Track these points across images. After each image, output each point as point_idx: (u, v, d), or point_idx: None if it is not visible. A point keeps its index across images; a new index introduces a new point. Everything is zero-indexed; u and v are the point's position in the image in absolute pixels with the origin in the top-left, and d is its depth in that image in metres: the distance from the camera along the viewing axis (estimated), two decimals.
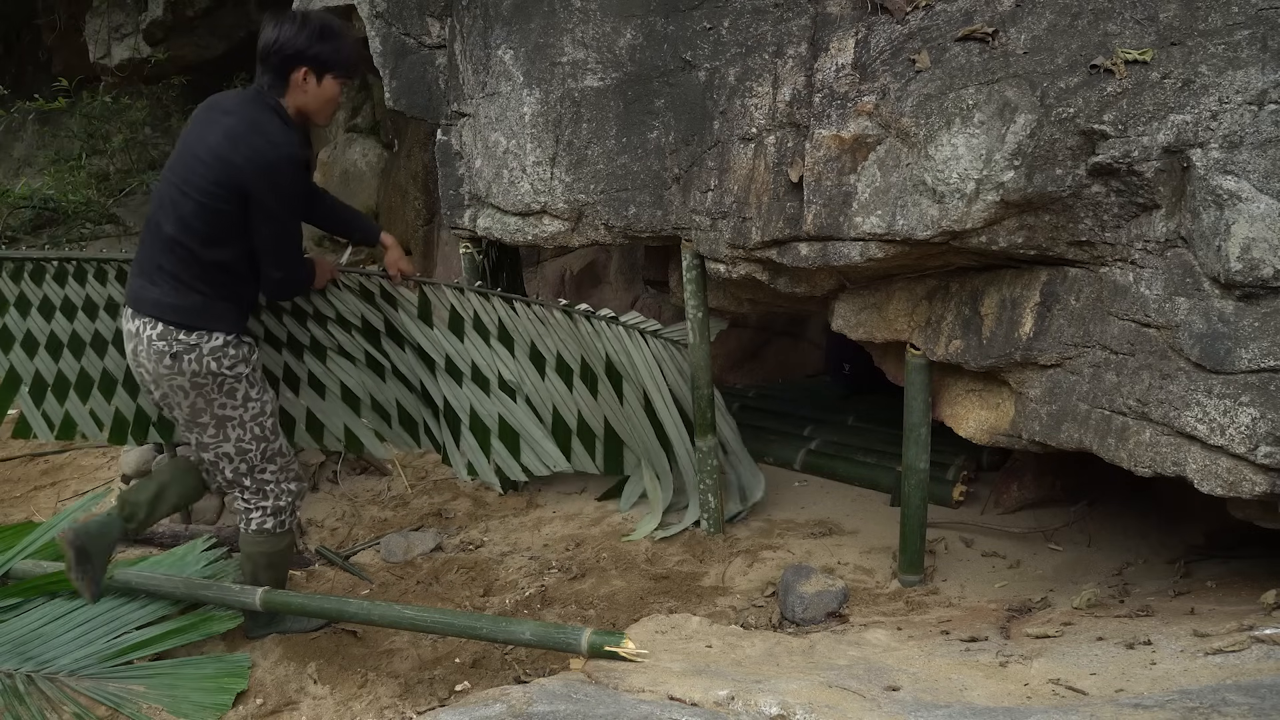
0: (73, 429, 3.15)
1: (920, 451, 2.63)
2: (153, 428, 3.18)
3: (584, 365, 3.15)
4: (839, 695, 1.63)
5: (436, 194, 4.63)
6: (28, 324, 3.06)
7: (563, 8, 2.96)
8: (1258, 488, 1.91)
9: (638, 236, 2.99)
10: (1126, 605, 2.29)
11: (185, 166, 2.40)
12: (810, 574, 2.66)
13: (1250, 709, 1.35)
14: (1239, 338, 1.92)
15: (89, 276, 2.97)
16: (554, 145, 3.03)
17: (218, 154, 2.34)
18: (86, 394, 3.11)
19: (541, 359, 3.15)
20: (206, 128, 2.41)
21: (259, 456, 2.57)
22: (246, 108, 2.40)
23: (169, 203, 2.41)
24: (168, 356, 2.42)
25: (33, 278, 3.01)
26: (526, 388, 3.19)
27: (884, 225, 2.30)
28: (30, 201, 6.80)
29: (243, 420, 2.52)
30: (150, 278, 2.44)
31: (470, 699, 1.71)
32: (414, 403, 3.27)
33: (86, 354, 3.08)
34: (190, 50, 7.31)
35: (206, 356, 2.43)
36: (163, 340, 2.42)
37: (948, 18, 2.29)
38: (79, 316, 3.02)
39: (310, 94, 2.42)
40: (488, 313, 3.10)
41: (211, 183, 2.34)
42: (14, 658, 2.55)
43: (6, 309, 3.04)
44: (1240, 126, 1.93)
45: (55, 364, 3.07)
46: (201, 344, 2.42)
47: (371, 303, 3.04)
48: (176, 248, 2.40)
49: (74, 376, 3.09)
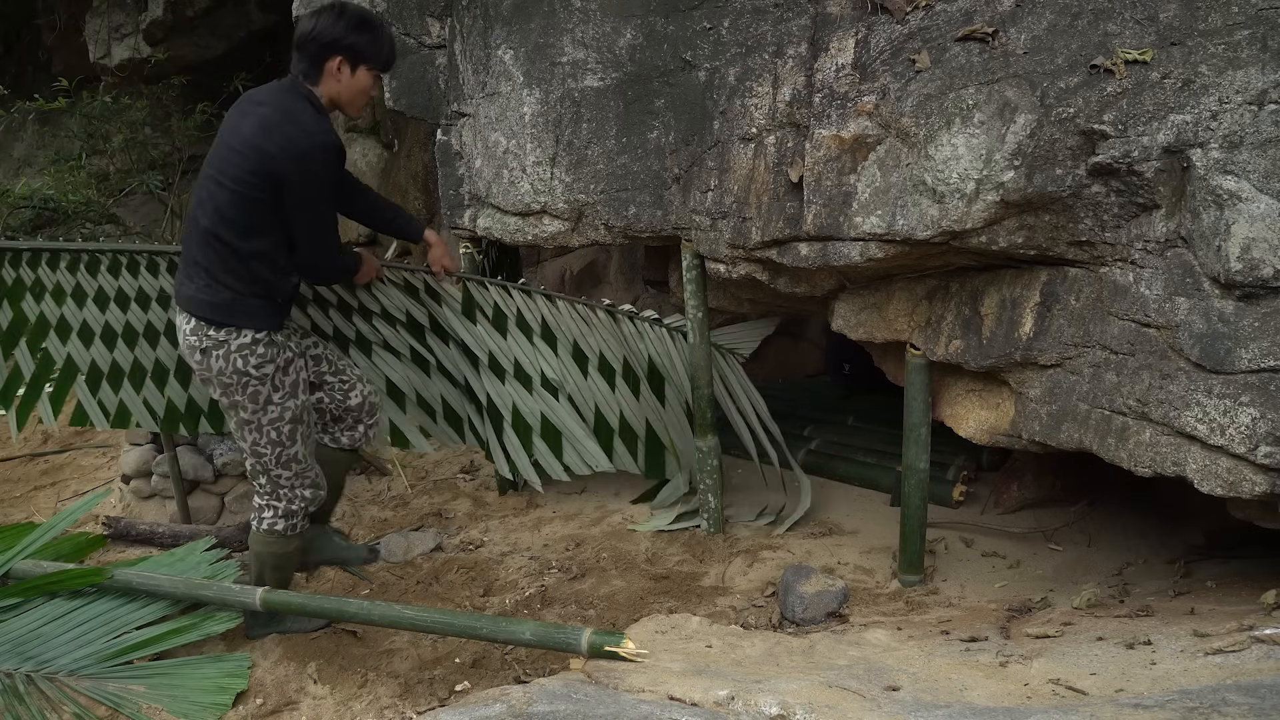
0: (127, 418, 3.17)
1: (920, 451, 2.63)
2: (204, 418, 3.21)
3: (626, 365, 3.16)
4: (839, 695, 1.63)
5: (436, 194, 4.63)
6: (84, 314, 3.10)
7: (563, 8, 2.96)
8: (1258, 488, 1.91)
9: (638, 236, 2.99)
10: (1126, 605, 2.29)
11: (220, 158, 2.42)
12: (810, 574, 2.66)
13: (1250, 709, 1.35)
14: (1239, 338, 1.92)
15: (141, 268, 3.02)
16: (554, 145, 3.03)
17: (251, 143, 2.35)
18: (140, 384, 3.15)
19: (584, 358, 3.15)
20: (241, 119, 2.43)
21: (273, 461, 2.57)
22: (279, 97, 2.42)
23: (206, 195, 2.43)
24: (198, 352, 2.45)
25: (88, 269, 3.06)
26: (569, 386, 3.18)
27: (884, 225, 2.30)
28: (30, 201, 6.79)
29: (259, 424, 2.52)
30: (188, 273, 2.47)
31: (470, 699, 1.71)
32: (458, 399, 3.27)
33: (139, 344, 3.12)
34: (190, 50, 7.30)
35: (234, 354, 2.43)
36: (194, 336, 2.44)
37: (948, 18, 2.29)
38: (132, 307, 3.07)
39: (344, 84, 2.43)
40: (531, 310, 3.10)
41: (246, 172, 2.35)
42: (14, 657, 2.55)
43: (64, 300, 3.08)
44: (1240, 126, 1.93)
45: (110, 354, 3.12)
46: (230, 341, 2.43)
47: (416, 298, 3.07)
48: (213, 240, 2.41)
49: (128, 366, 3.13)
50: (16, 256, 3.01)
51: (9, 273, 3.04)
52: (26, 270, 3.04)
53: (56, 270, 3.05)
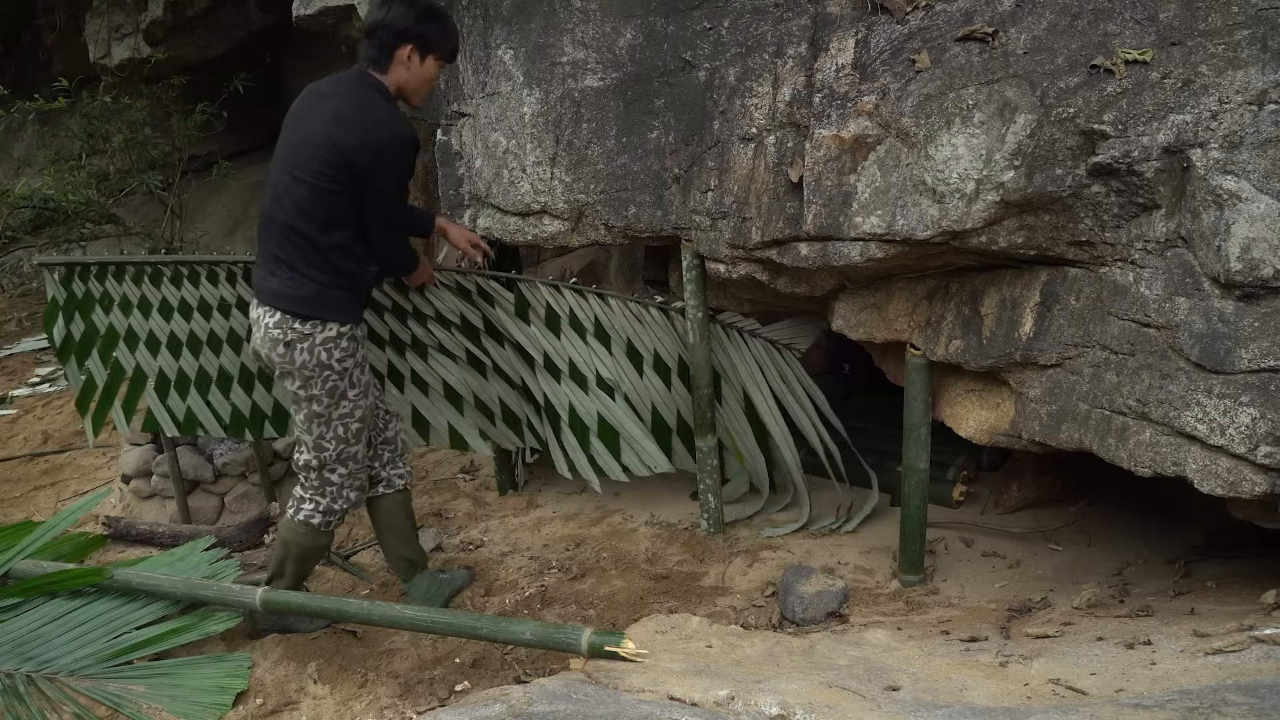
0: (194, 423, 3.26)
1: (920, 451, 2.63)
2: (267, 422, 3.29)
3: (681, 363, 3.13)
4: (839, 695, 1.63)
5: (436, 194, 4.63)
6: (150, 324, 3.20)
7: (563, 8, 2.96)
8: (1258, 488, 1.91)
9: (638, 236, 2.99)
10: (1126, 605, 2.29)
11: (294, 152, 2.44)
12: (810, 574, 2.66)
13: (1250, 709, 1.35)
14: (1239, 338, 1.92)
15: (201, 279, 3.10)
16: (554, 145, 3.03)
17: (326, 135, 2.36)
18: (206, 390, 3.25)
19: (639, 356, 3.13)
20: (311, 112, 2.44)
21: (333, 456, 2.57)
22: (349, 88, 2.44)
23: (282, 190, 2.44)
24: (281, 345, 2.45)
25: (152, 281, 3.15)
26: (625, 386, 3.17)
27: (884, 225, 2.30)
28: (30, 201, 6.79)
29: (330, 418, 2.52)
30: (269, 268, 2.48)
31: (470, 699, 1.71)
32: (516, 400, 3.27)
33: (204, 352, 3.21)
34: (190, 50, 7.30)
35: (319, 347, 2.45)
36: (279, 329, 2.45)
37: (948, 18, 2.29)
38: (195, 316, 3.16)
39: (412, 72, 2.45)
40: (583, 309, 3.09)
41: (323, 164, 2.36)
42: (14, 658, 2.55)
43: (130, 311, 3.19)
44: (1240, 126, 1.93)
45: (176, 362, 3.22)
46: (315, 334, 2.45)
47: (469, 301, 3.09)
48: (292, 235, 2.42)
49: (194, 374, 3.23)
50: (85, 270, 3.15)
51: (79, 286, 3.17)
52: (95, 283, 3.17)
53: (123, 283, 3.16)
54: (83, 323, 3.20)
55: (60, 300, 3.17)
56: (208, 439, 3.70)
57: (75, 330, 3.20)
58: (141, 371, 3.22)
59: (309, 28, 4.65)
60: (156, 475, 3.56)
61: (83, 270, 3.15)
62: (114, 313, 3.20)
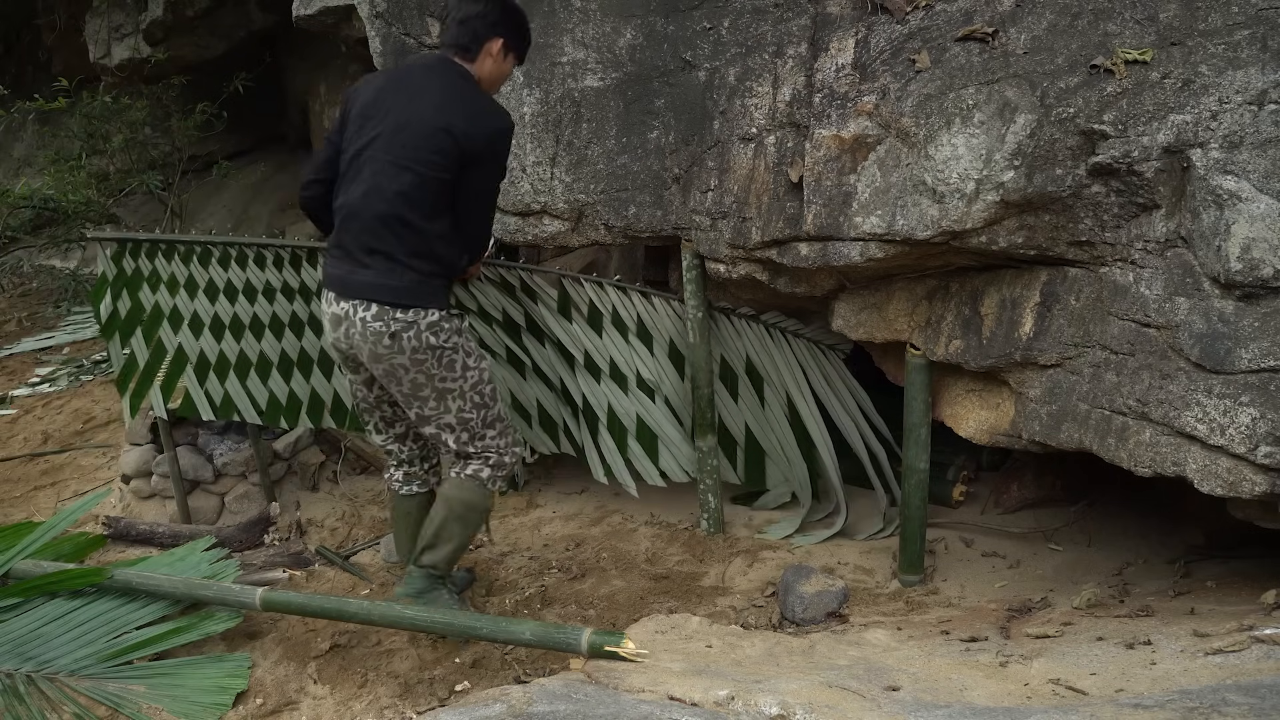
0: (231, 408, 3.25)
1: (920, 451, 2.63)
2: (303, 411, 3.28)
3: (724, 365, 3.08)
4: (839, 695, 1.63)
5: None
6: (195, 305, 3.19)
7: (563, 8, 2.96)
8: (1258, 488, 1.91)
9: (638, 236, 2.99)
10: (1126, 605, 2.29)
11: (395, 141, 2.38)
12: (810, 574, 2.66)
13: (1250, 709, 1.35)
14: (1239, 338, 1.92)
15: (249, 261, 3.10)
16: (554, 145, 3.03)
17: (437, 125, 2.34)
18: (245, 375, 3.24)
19: (680, 357, 3.09)
20: (410, 99, 2.40)
21: (480, 423, 2.53)
22: (447, 76, 2.43)
23: (384, 180, 2.38)
24: (386, 336, 2.40)
25: (200, 261, 3.16)
26: (665, 388, 3.13)
27: (884, 225, 2.30)
28: (30, 201, 6.80)
29: (462, 390, 2.49)
30: (358, 260, 2.42)
31: (470, 699, 1.71)
32: (554, 403, 3.24)
33: (245, 336, 3.21)
34: (190, 50, 7.30)
35: (425, 332, 2.42)
36: (379, 321, 2.40)
37: (948, 18, 2.29)
38: (239, 299, 3.15)
39: (496, 66, 2.47)
40: (626, 308, 3.07)
41: (434, 152, 2.34)
42: (14, 658, 2.55)
43: (177, 291, 3.18)
44: (1240, 126, 1.93)
45: (218, 345, 3.21)
46: (419, 320, 2.41)
47: (512, 296, 3.07)
48: (394, 224, 2.38)
49: (234, 358, 3.22)
50: (137, 247, 3.15)
51: (129, 263, 3.17)
52: (145, 261, 3.17)
53: (172, 261, 3.16)
54: (129, 300, 3.19)
55: (110, 276, 3.16)
56: (208, 439, 3.69)
57: (122, 307, 3.19)
58: (183, 353, 3.21)
59: (309, 28, 4.65)
60: (156, 475, 3.56)
61: (134, 247, 3.15)
62: (160, 291, 3.18)
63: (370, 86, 2.50)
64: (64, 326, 6.51)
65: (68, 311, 6.84)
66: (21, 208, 6.91)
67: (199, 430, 3.72)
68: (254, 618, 2.78)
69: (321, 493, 3.67)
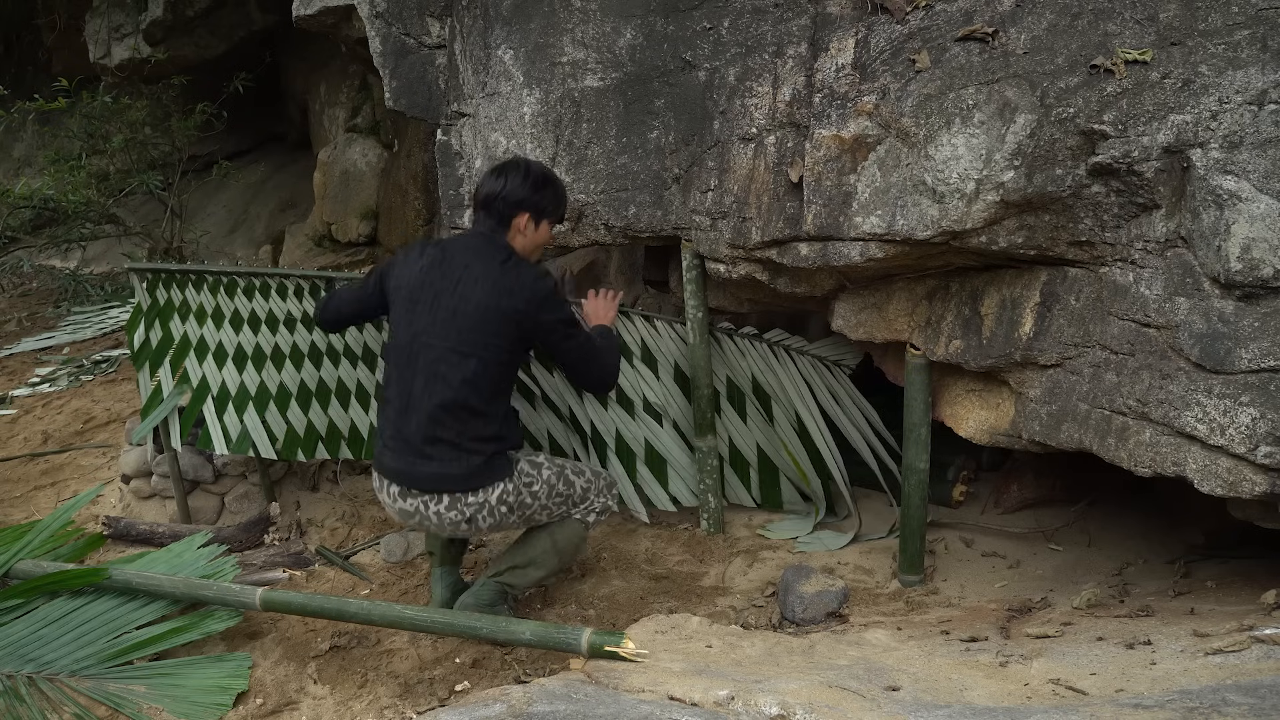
0: (246, 443, 3.20)
1: (920, 451, 2.63)
2: (321, 444, 3.28)
3: (731, 386, 3.07)
4: (839, 695, 1.63)
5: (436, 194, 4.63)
6: (220, 335, 3.23)
7: (563, 8, 2.96)
8: (1258, 488, 1.91)
9: (638, 236, 2.99)
10: (1126, 605, 2.29)
11: (452, 328, 2.44)
12: (810, 574, 2.66)
13: (1250, 709, 1.35)
14: (1239, 338, 1.92)
15: (272, 291, 3.15)
16: (554, 145, 3.03)
17: (493, 309, 2.42)
18: (264, 407, 3.23)
19: (686, 380, 3.08)
20: (458, 284, 2.46)
21: (572, 502, 2.64)
22: (487, 259, 2.48)
23: (443, 366, 2.43)
24: (463, 522, 2.49)
25: (227, 291, 3.21)
26: (673, 411, 3.12)
27: (884, 225, 2.30)
28: (30, 201, 6.80)
29: (544, 504, 2.59)
30: (420, 451, 2.44)
31: (470, 699, 1.71)
32: (563, 432, 3.24)
33: (266, 367, 3.23)
34: (190, 50, 7.31)
35: (496, 505, 2.49)
36: (453, 510, 2.47)
37: (948, 18, 2.29)
38: (262, 329, 3.19)
39: (528, 237, 2.54)
40: (629, 332, 3.08)
41: (493, 335, 2.43)
42: (15, 660, 2.55)
43: (205, 321, 3.24)
44: (1240, 126, 1.93)
45: (239, 376, 3.22)
46: (489, 498, 2.48)
47: None
48: (458, 410, 2.42)
49: (254, 389, 3.23)
50: (169, 277, 3.22)
51: (161, 294, 3.23)
52: (176, 291, 3.23)
53: (201, 291, 3.23)
54: (160, 330, 3.23)
55: (144, 306, 3.21)
56: None
57: (153, 337, 3.23)
58: (206, 384, 3.22)
59: (309, 28, 4.65)
60: (156, 475, 3.56)
61: (167, 277, 3.22)
62: (189, 322, 3.24)
63: (412, 265, 2.55)
64: (64, 326, 6.51)
65: (68, 311, 6.84)
66: (21, 208, 6.91)
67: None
68: (254, 618, 2.78)
69: (321, 493, 3.67)
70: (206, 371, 3.22)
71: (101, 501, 3.77)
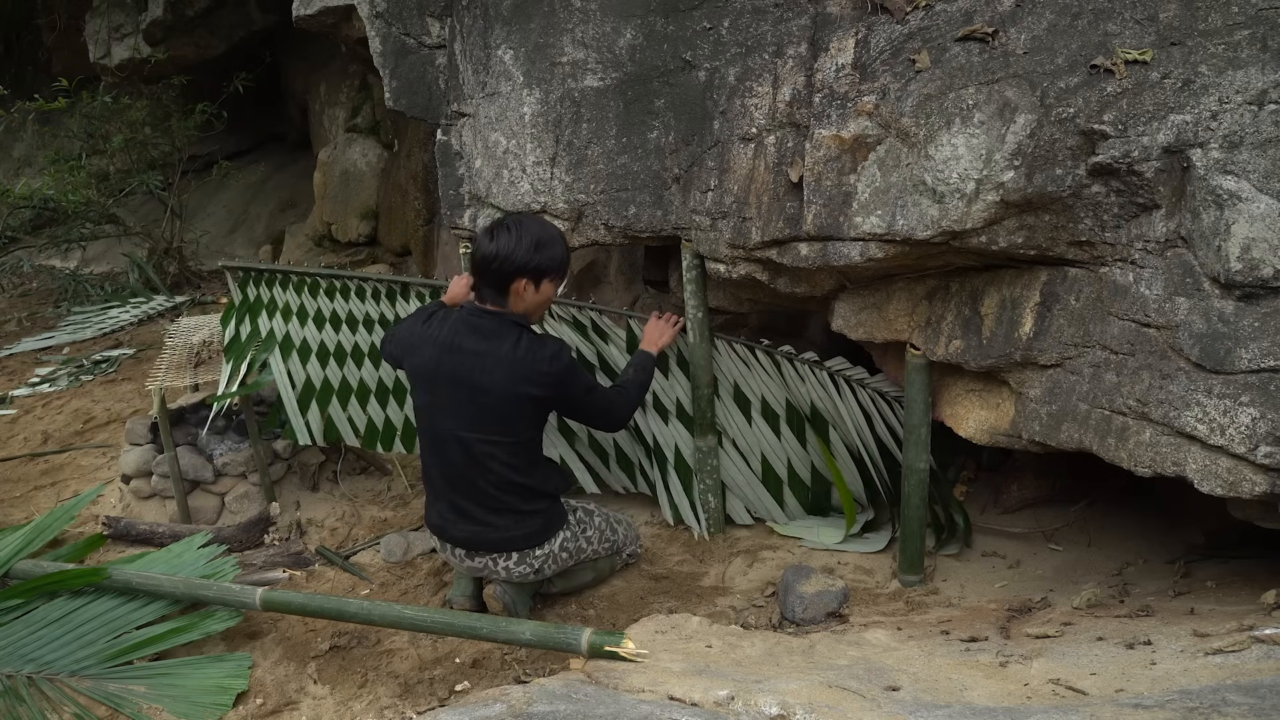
0: (334, 433, 3.41)
1: (920, 451, 2.63)
2: (397, 437, 3.42)
3: (790, 409, 3.04)
4: (839, 695, 1.62)
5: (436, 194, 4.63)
6: (304, 333, 3.42)
7: (563, 8, 2.96)
8: (1258, 488, 1.91)
9: (638, 236, 2.99)
10: (1126, 605, 2.29)
11: (479, 420, 2.51)
12: (810, 574, 2.66)
13: (1250, 709, 1.35)
14: (1239, 338, 1.92)
15: (351, 292, 3.30)
16: (554, 145, 3.03)
17: (513, 397, 2.49)
18: (346, 401, 3.40)
19: (746, 401, 3.07)
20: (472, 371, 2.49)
21: (611, 549, 2.89)
22: (501, 340, 2.50)
23: (479, 453, 2.52)
24: (532, 573, 2.66)
25: (310, 291, 3.40)
26: (731, 431, 3.10)
27: (884, 225, 2.30)
28: (30, 201, 6.80)
29: (596, 550, 2.81)
30: (482, 521, 2.59)
31: (470, 699, 1.71)
32: (629, 442, 3.27)
33: (348, 364, 3.39)
34: (190, 50, 7.31)
35: (559, 553, 2.68)
36: (523, 565, 2.64)
37: (948, 18, 2.29)
38: (343, 329, 3.38)
39: (528, 300, 2.53)
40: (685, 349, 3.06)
41: (517, 420, 2.53)
42: (15, 660, 2.55)
43: (290, 318, 3.43)
44: (1240, 126, 1.93)
45: (323, 371, 3.41)
46: (553, 549, 2.67)
47: (585, 336, 3.11)
48: (506, 488, 2.56)
49: (336, 383, 3.40)
50: (259, 276, 3.44)
51: (251, 291, 3.45)
52: (265, 289, 3.44)
53: (287, 290, 3.42)
54: (250, 325, 3.43)
55: (236, 302, 3.43)
56: (208, 439, 3.70)
57: (243, 332, 3.43)
58: (291, 379, 3.40)
59: (309, 28, 4.65)
60: (156, 475, 3.56)
61: (256, 275, 3.43)
62: (276, 319, 3.43)
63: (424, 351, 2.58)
64: (64, 326, 6.51)
65: (68, 311, 6.84)
66: (21, 208, 6.92)
67: (199, 430, 3.72)
68: (254, 618, 2.78)
69: (321, 493, 3.67)
70: (291, 367, 3.40)
71: (101, 501, 3.77)
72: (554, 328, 3.15)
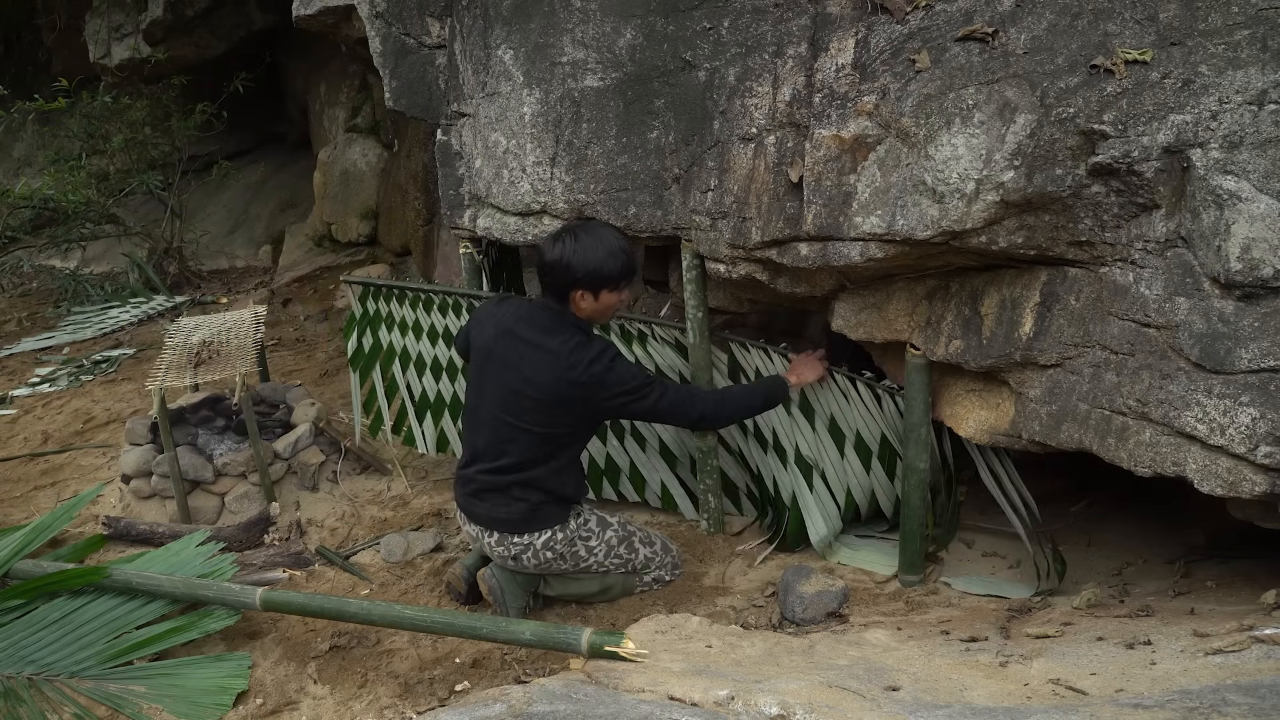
0: (446, 444, 3.57)
1: (920, 451, 2.63)
2: None
3: (884, 446, 2.92)
4: (839, 695, 1.62)
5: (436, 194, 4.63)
6: (419, 347, 3.54)
7: (563, 8, 2.96)
8: (1258, 488, 1.91)
9: (638, 236, 2.98)
10: (1126, 605, 2.29)
11: (514, 405, 2.56)
12: (810, 574, 2.66)
13: (1250, 709, 1.35)
14: (1239, 338, 1.92)
15: (463, 309, 3.39)
16: (554, 145, 3.03)
17: (552, 394, 2.52)
18: (457, 414, 3.50)
19: (841, 435, 2.96)
20: (523, 364, 2.54)
21: (632, 569, 2.80)
22: (555, 336, 2.53)
23: (504, 434, 2.59)
24: (509, 559, 2.66)
25: (424, 307, 3.49)
26: (824, 464, 2.97)
27: (884, 225, 2.30)
28: (30, 201, 6.80)
29: (600, 562, 2.73)
30: (476, 494, 2.66)
31: (470, 699, 1.71)
32: (732, 465, 3.21)
33: (458, 379, 3.49)
34: (190, 50, 7.31)
35: (541, 550, 2.64)
36: (501, 546, 2.65)
37: (948, 18, 2.29)
38: (439, 344, 3.50)
39: (588, 308, 2.57)
40: (767, 370, 3.02)
41: (554, 415, 2.54)
42: (15, 661, 2.55)
43: (407, 332, 3.56)
44: (1240, 126, 1.93)
45: (436, 385, 3.55)
46: (534, 542, 2.63)
47: (686, 358, 3.07)
48: (512, 471, 2.59)
49: (449, 397, 3.53)
50: (379, 291, 3.58)
51: (372, 305, 3.59)
52: (382, 303, 3.58)
53: (403, 305, 3.53)
54: (372, 338, 3.60)
55: (357, 315, 3.59)
56: (208, 439, 3.70)
57: (365, 344, 3.61)
58: (410, 390, 3.57)
59: (309, 28, 4.65)
60: (156, 475, 3.56)
61: (375, 290, 3.57)
62: (394, 332, 3.57)
63: (487, 329, 2.66)
64: (64, 326, 6.51)
65: (68, 311, 6.84)
66: (21, 208, 6.91)
67: (199, 430, 3.72)
68: (254, 617, 2.78)
69: (321, 493, 3.67)
70: (409, 379, 3.57)
71: (101, 501, 3.77)
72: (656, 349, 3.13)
